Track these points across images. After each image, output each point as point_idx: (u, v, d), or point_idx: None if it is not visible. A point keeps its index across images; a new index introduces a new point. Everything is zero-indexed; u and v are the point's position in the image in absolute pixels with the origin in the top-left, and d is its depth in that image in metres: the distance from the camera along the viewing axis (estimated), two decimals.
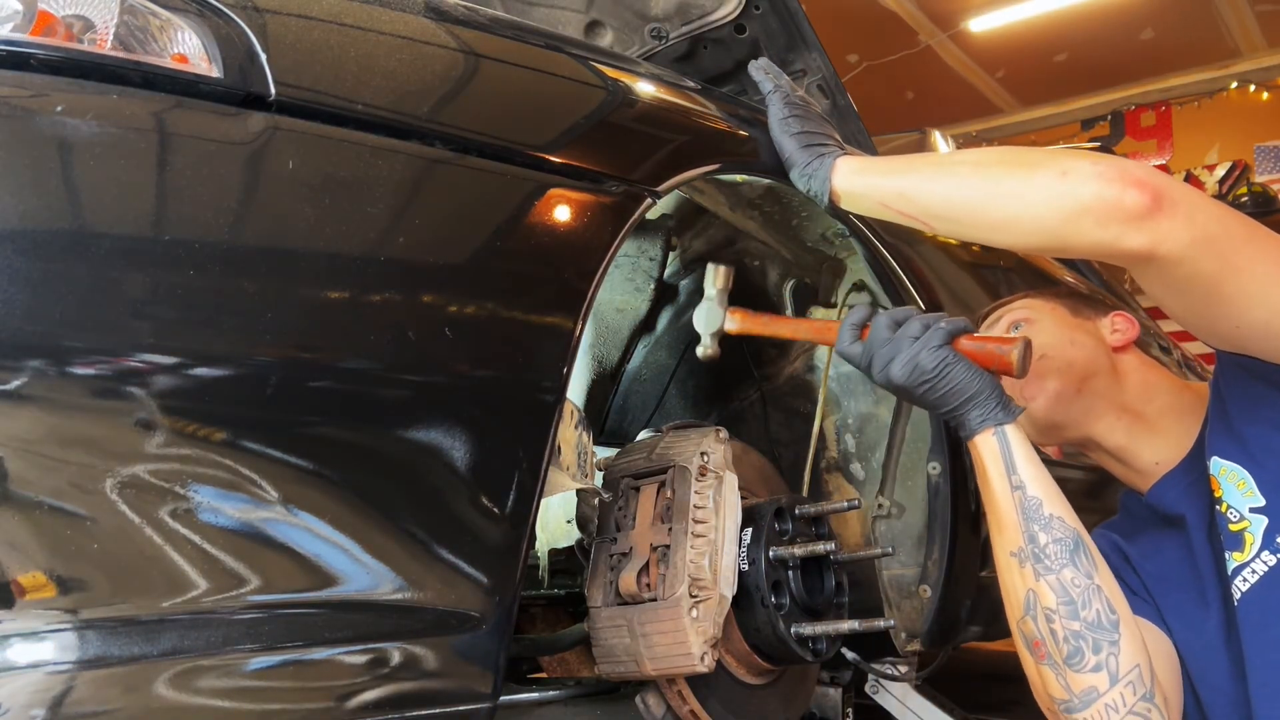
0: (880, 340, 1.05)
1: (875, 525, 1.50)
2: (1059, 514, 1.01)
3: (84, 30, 0.73)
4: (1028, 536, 1.01)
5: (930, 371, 1.01)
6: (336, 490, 0.76)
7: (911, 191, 1.06)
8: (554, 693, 1.22)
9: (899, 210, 1.08)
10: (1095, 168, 0.92)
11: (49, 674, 0.66)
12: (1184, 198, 0.91)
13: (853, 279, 1.47)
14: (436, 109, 0.88)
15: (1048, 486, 1.02)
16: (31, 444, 0.65)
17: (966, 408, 1.03)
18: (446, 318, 0.83)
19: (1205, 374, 3.17)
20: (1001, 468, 1.02)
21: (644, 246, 1.58)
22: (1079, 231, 0.93)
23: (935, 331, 1.03)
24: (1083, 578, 0.99)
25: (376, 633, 0.78)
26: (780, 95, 1.21)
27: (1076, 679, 0.98)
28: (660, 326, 1.72)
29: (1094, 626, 0.98)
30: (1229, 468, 1.06)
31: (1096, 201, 0.91)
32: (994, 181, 1.00)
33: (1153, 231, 0.90)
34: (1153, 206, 0.89)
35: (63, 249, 0.67)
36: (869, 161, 1.12)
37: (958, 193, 1.02)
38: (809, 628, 1.17)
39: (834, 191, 1.12)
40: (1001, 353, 1.03)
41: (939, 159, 1.10)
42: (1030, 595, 1.01)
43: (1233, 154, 6.86)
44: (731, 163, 1.18)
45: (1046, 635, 1.00)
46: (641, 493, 1.16)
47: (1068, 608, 0.99)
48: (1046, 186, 0.95)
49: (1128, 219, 0.90)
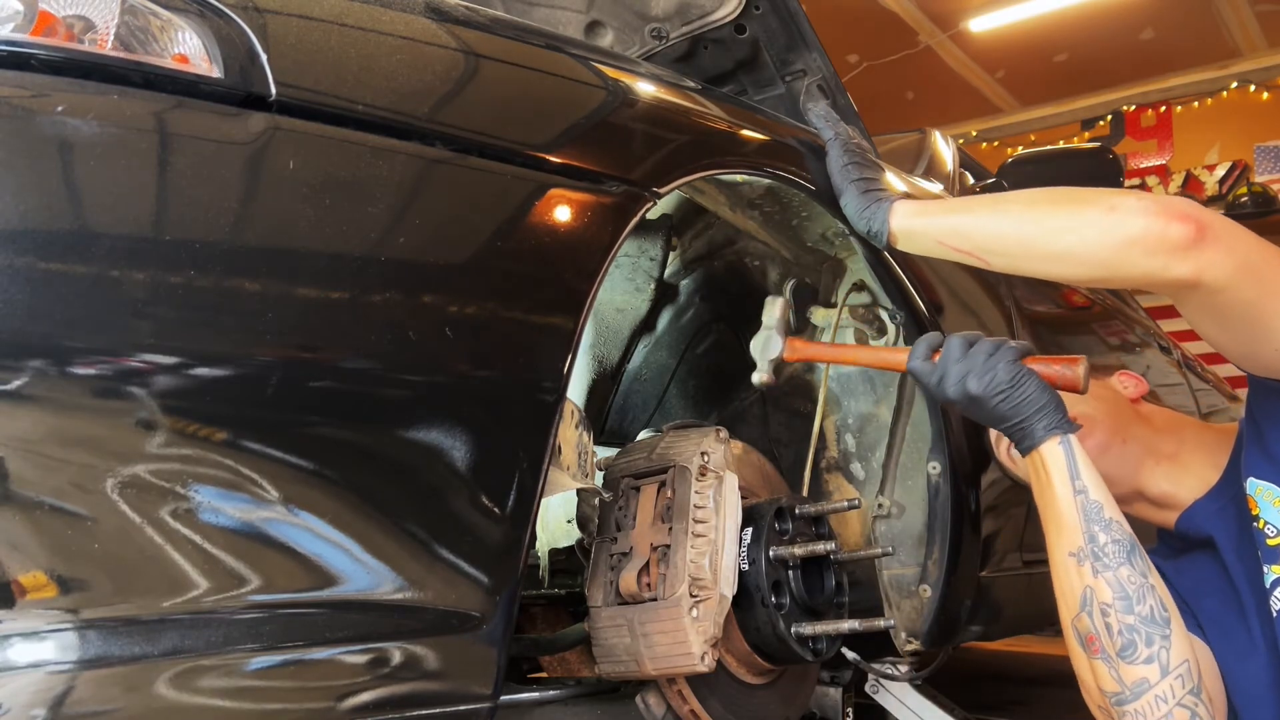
0: (955, 357, 1.12)
1: (875, 525, 1.50)
2: (1117, 519, 1.08)
3: (85, 30, 0.73)
4: (1088, 536, 1.07)
5: (1006, 383, 1.09)
6: (337, 490, 0.76)
7: (966, 229, 1.14)
8: (554, 692, 1.22)
9: (954, 247, 1.16)
10: (1141, 203, 0.99)
11: (50, 674, 0.66)
12: (1225, 229, 0.98)
13: (853, 279, 1.47)
14: (437, 109, 0.88)
15: (1106, 494, 1.09)
16: (32, 444, 0.65)
17: (1036, 418, 1.09)
18: (447, 318, 0.83)
19: (1205, 373, 3.17)
20: (1065, 474, 1.08)
21: (644, 246, 1.59)
22: (1129, 262, 1.00)
23: (1008, 349, 1.11)
24: (1138, 576, 1.05)
25: (376, 633, 0.78)
26: (840, 143, 1.31)
27: (1129, 670, 1.03)
28: (660, 326, 1.72)
29: (1148, 621, 1.03)
30: (1265, 486, 1.11)
31: (1144, 233, 0.98)
32: (1046, 217, 1.08)
33: (1197, 260, 0.96)
34: (1196, 237, 0.96)
35: (64, 249, 0.67)
36: (925, 204, 1.21)
37: (1011, 229, 1.10)
38: (809, 627, 1.17)
39: (892, 233, 1.21)
40: (1069, 371, 1.11)
41: (992, 199, 1.18)
42: (1087, 592, 1.06)
43: (1233, 154, 6.86)
44: (743, 165, 1.18)
45: (1101, 629, 1.05)
46: (642, 493, 1.16)
47: (1123, 602, 1.04)
48: (1096, 221, 1.02)
49: (1174, 249, 0.97)
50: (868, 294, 1.47)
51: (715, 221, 1.61)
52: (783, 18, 1.66)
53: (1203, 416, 2.88)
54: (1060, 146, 3.47)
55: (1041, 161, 2.08)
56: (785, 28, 1.67)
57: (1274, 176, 6.65)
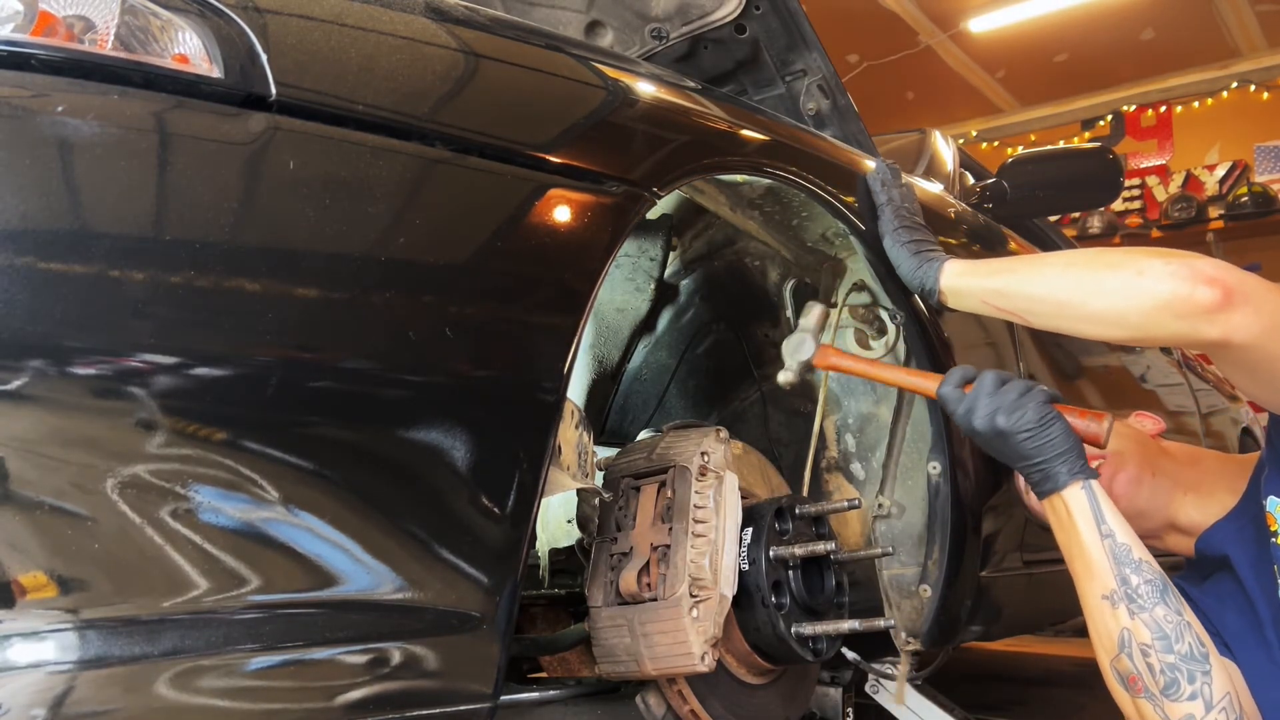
0: (988, 390, 1.15)
1: (875, 525, 1.50)
2: (1146, 559, 1.09)
3: (85, 30, 0.73)
4: (1119, 579, 1.08)
5: (1034, 423, 1.12)
6: (336, 490, 0.76)
7: (1009, 291, 1.20)
8: (554, 693, 1.22)
9: (997, 307, 1.22)
10: (1168, 266, 1.03)
11: (50, 674, 0.66)
12: (1253, 291, 1.00)
13: (853, 279, 1.47)
14: (437, 109, 0.88)
15: (1132, 535, 1.11)
16: (32, 444, 0.65)
17: (1058, 462, 1.12)
18: (447, 318, 0.83)
19: (1205, 373, 3.16)
20: (1091, 519, 1.11)
21: (644, 246, 1.59)
22: (1159, 324, 1.04)
23: (1039, 391, 1.15)
24: (1174, 614, 1.07)
25: (376, 633, 0.78)
26: (892, 209, 1.36)
27: (1174, 708, 1.05)
28: (660, 326, 1.72)
29: (1187, 659, 1.05)
30: None
31: (1172, 298, 1.02)
32: (1080, 282, 1.12)
33: (1225, 324, 1.00)
34: (1224, 301, 0.99)
35: (64, 249, 0.67)
36: (971, 265, 1.27)
37: (1048, 293, 1.15)
38: (809, 627, 1.17)
39: (942, 292, 1.27)
40: (1094, 425, 1.14)
41: (1033, 261, 1.22)
42: (1125, 634, 1.08)
43: (1233, 154, 6.86)
44: (743, 165, 1.18)
45: (1143, 670, 1.06)
46: (642, 493, 1.16)
47: (1162, 642, 1.06)
48: (1126, 285, 1.06)
49: (1202, 313, 1.00)
50: (868, 294, 1.47)
51: (715, 221, 1.61)
52: (783, 18, 1.66)
53: (1203, 417, 2.88)
54: (1060, 146, 3.45)
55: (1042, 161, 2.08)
56: (785, 28, 1.67)
57: (1274, 176, 6.65)
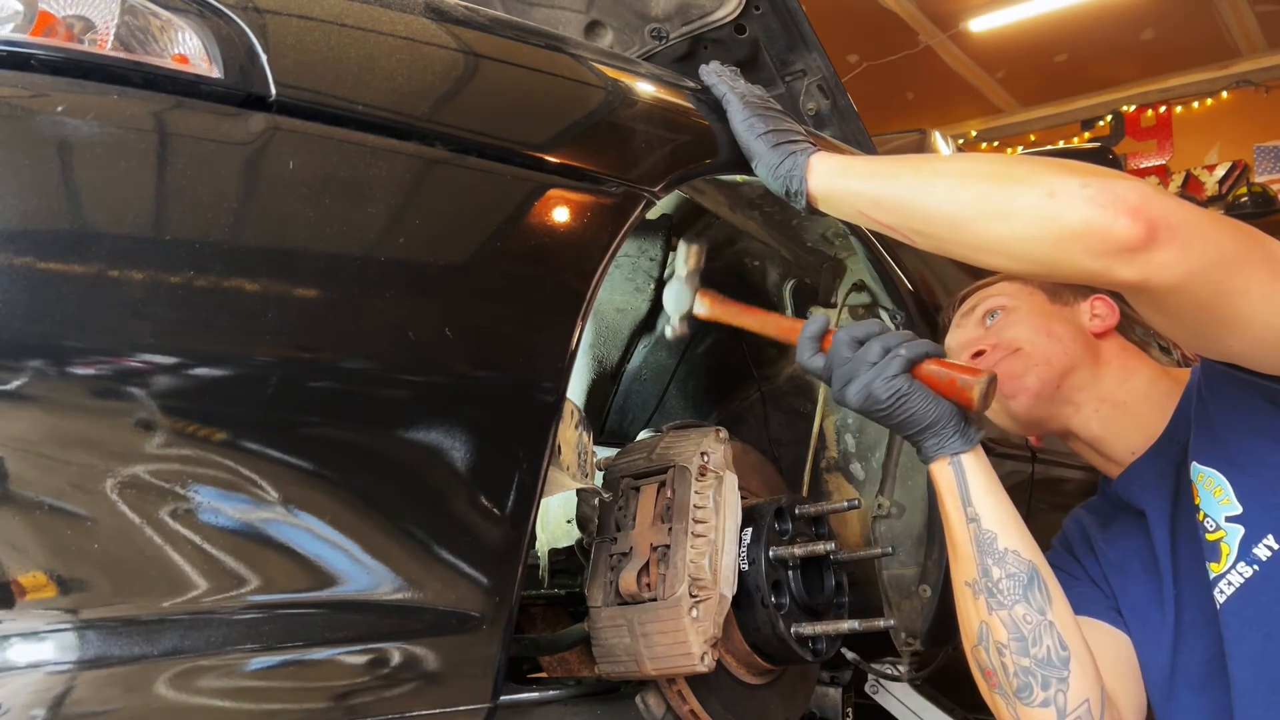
0: (839, 359, 1.01)
1: (875, 525, 1.50)
2: (1014, 547, 1.00)
3: (84, 31, 0.73)
4: (981, 570, 1.00)
5: (884, 401, 0.98)
6: (336, 490, 0.76)
7: (891, 202, 0.99)
8: (554, 693, 1.22)
9: (876, 220, 1.01)
10: (1085, 190, 0.84)
11: (49, 674, 0.66)
12: (1181, 223, 0.83)
13: (853, 279, 1.47)
14: (436, 109, 0.88)
15: (1004, 518, 1.01)
16: (31, 444, 0.65)
17: (922, 436, 1.01)
18: (447, 318, 0.83)
19: None
20: (957, 499, 1.01)
21: (644, 246, 1.58)
22: (1066, 259, 0.87)
23: (893, 360, 0.98)
24: (1035, 614, 0.99)
25: (376, 633, 0.78)
26: (738, 97, 1.12)
27: (1026, 712, 0.99)
28: (660, 326, 1.72)
29: (1044, 664, 0.98)
30: (1207, 474, 1.05)
31: (1085, 229, 0.84)
32: (978, 199, 0.91)
33: (1145, 264, 0.83)
34: (1146, 238, 0.82)
35: (63, 249, 0.67)
36: (847, 163, 1.05)
37: (939, 209, 0.94)
38: (809, 627, 1.17)
39: (810, 195, 1.05)
40: (963, 385, 0.99)
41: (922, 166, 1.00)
42: (983, 627, 1.01)
43: (1233, 154, 6.87)
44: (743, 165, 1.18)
45: (998, 667, 1.00)
46: (641, 493, 1.16)
47: (1018, 644, 0.99)
48: (1032, 208, 0.87)
49: (1119, 250, 0.83)
50: (868, 294, 1.47)
51: (715, 221, 1.61)
52: (783, 18, 1.66)
53: None
54: (1060, 146, 3.45)
55: None
56: (785, 28, 1.67)
57: (1274, 176, 6.66)
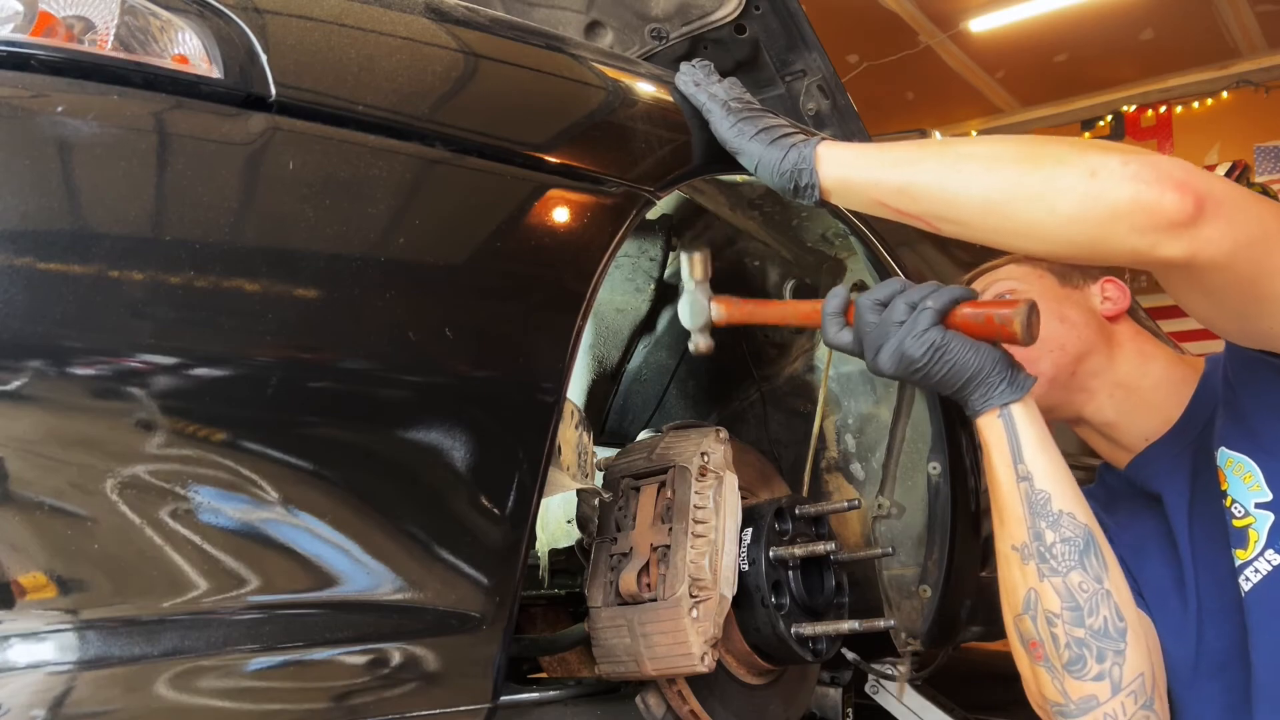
0: (866, 326, 0.95)
1: (875, 525, 1.50)
2: (1069, 509, 0.92)
3: (84, 31, 0.73)
4: (1033, 533, 0.92)
5: (920, 359, 0.91)
6: (337, 491, 0.76)
7: (916, 190, 0.94)
8: (554, 693, 1.22)
9: (897, 208, 0.96)
10: (1128, 167, 0.82)
11: (49, 674, 0.66)
12: (1225, 198, 0.81)
13: (853, 279, 1.47)
14: (436, 110, 0.88)
15: (1059, 477, 0.93)
16: (32, 444, 0.65)
17: (969, 389, 0.93)
18: (447, 318, 0.83)
19: None
20: (1007, 455, 0.93)
21: (644, 246, 1.58)
22: (1112, 237, 0.83)
23: (921, 314, 0.92)
24: (1091, 582, 0.92)
25: (376, 633, 0.78)
26: (719, 104, 1.06)
27: (1076, 685, 0.92)
28: (660, 326, 1.72)
29: (1100, 635, 0.91)
30: (1236, 459, 1.01)
31: (1132, 206, 0.81)
32: (1011, 182, 0.88)
33: (1192, 239, 0.81)
34: (1195, 213, 0.80)
35: (63, 249, 0.67)
36: (861, 150, 1.00)
37: (968, 194, 0.90)
38: (809, 628, 1.17)
39: (824, 187, 0.99)
40: (1002, 320, 0.92)
41: (946, 151, 0.95)
42: (1031, 594, 0.94)
43: (1233, 154, 6.86)
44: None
45: (1046, 638, 0.93)
46: (641, 493, 1.16)
47: (1073, 613, 0.91)
48: (1073, 188, 0.84)
49: (1167, 226, 0.81)
50: None
51: (715, 221, 1.60)
52: (783, 18, 1.66)
53: None
54: None
55: None
56: (785, 28, 1.67)
57: (1274, 176, 6.66)
